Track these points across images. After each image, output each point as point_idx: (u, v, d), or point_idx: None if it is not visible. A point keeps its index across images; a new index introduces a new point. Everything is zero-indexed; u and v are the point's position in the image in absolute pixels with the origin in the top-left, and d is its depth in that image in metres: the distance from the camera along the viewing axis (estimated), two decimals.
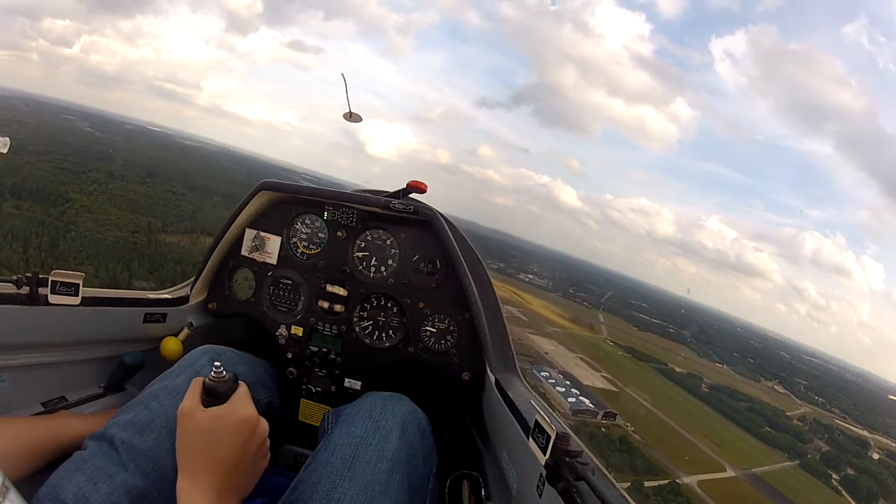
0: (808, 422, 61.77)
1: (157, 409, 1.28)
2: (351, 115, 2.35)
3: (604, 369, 59.28)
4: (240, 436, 1.08)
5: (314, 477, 1.21)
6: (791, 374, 79.09)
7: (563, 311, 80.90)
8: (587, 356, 62.47)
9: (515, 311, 71.18)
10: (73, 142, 70.91)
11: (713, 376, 69.36)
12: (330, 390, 2.02)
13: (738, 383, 69.55)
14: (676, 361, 71.78)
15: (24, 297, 1.45)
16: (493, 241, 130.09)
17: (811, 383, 76.58)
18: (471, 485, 1.66)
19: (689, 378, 66.48)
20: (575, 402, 44.72)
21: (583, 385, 50.87)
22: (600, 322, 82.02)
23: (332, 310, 2.01)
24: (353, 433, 1.33)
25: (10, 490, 0.58)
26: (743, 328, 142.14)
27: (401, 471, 1.28)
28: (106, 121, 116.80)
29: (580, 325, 77.71)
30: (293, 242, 2.08)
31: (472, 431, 2.09)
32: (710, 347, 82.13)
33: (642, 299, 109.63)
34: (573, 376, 52.79)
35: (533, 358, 56.36)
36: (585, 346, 66.67)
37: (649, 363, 69.48)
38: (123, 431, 1.21)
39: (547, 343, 62.45)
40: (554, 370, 52.63)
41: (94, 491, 1.09)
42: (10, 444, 1.21)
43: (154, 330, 1.91)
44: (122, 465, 1.16)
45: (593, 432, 42.65)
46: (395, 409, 1.45)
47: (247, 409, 1.10)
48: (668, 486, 40.38)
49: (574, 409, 44.13)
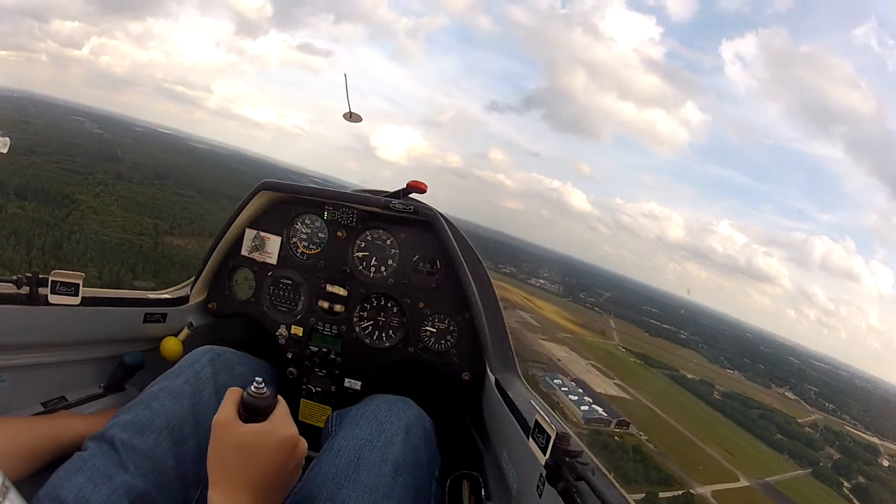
0: (819, 429, 61.23)
1: (158, 410, 1.28)
2: (351, 114, 2.36)
3: (616, 376, 58.65)
4: (279, 455, 1.07)
5: (318, 479, 1.22)
6: (801, 381, 78.43)
7: (574, 316, 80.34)
8: (599, 363, 61.72)
9: (527, 316, 71.02)
10: (81, 143, 70.85)
11: (725, 383, 68.68)
12: (330, 390, 2.01)
13: (749, 390, 68.83)
14: (688, 367, 71.05)
15: (24, 297, 1.44)
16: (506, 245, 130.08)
17: (821, 389, 76.00)
18: (471, 485, 1.65)
19: (701, 385, 65.75)
20: (588, 411, 43.93)
21: (595, 392, 50.06)
22: (611, 327, 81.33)
23: (332, 310, 2.00)
24: (358, 436, 1.33)
25: (10, 490, 0.58)
26: (753, 333, 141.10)
27: (405, 474, 1.28)
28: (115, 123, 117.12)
29: (591, 330, 77.09)
30: (293, 242, 2.07)
31: (473, 431, 2.08)
32: (722, 353, 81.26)
33: (653, 304, 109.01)
34: (586, 383, 51.99)
35: (545, 365, 55.74)
36: (597, 353, 66.01)
37: (661, 369, 68.61)
38: (123, 432, 1.21)
39: (559, 349, 61.85)
40: (566, 377, 51.79)
41: (94, 492, 1.10)
42: (10, 444, 1.21)
43: (154, 330, 1.90)
44: (122, 465, 1.16)
45: (607, 441, 41.92)
46: (400, 412, 1.44)
47: (288, 429, 1.09)
48: (682, 498, 39.76)
49: (587, 417, 43.32)
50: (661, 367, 68.81)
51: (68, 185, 53.37)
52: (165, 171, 66.57)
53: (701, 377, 68.27)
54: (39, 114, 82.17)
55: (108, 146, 75.63)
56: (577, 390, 47.34)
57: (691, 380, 66.96)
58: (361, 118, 2.38)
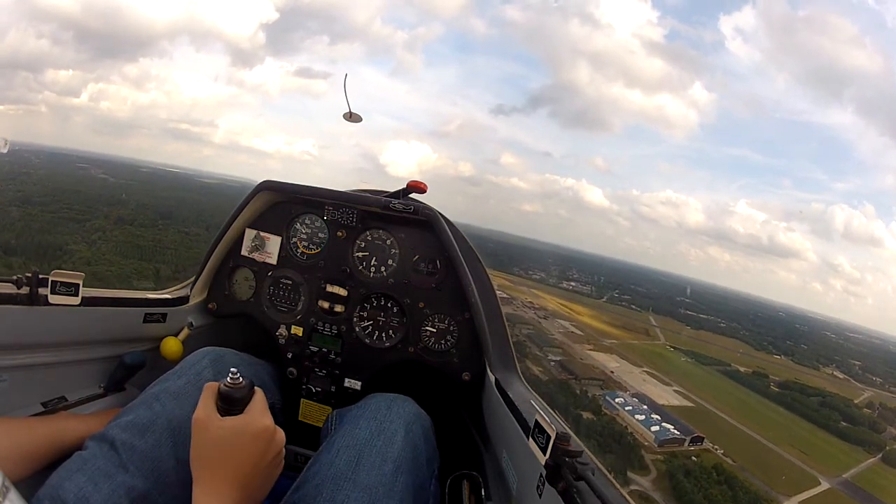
0: (875, 407, 58.83)
1: (159, 411, 1.28)
2: (351, 115, 2.35)
3: (673, 381, 55.87)
4: (257, 447, 1.08)
5: (318, 478, 1.21)
6: (844, 356, 75.89)
7: (613, 318, 77.21)
8: (653, 368, 59.02)
9: (569, 325, 69.08)
10: (83, 190, 68.97)
11: (776, 371, 66.25)
12: (330, 390, 2.01)
13: (800, 374, 66.63)
14: (738, 359, 68.34)
15: (24, 297, 1.45)
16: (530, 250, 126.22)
17: (864, 363, 73.28)
18: (471, 485, 1.64)
19: (755, 378, 63.02)
20: (659, 431, 41.12)
21: (658, 406, 47.43)
22: (653, 325, 78.27)
23: (332, 310, 2.00)
24: (358, 435, 1.33)
25: (10, 490, 0.58)
26: (785, 312, 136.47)
27: (405, 473, 1.27)
28: (123, 166, 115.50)
29: (634, 331, 74.10)
30: (293, 242, 2.07)
31: (472, 431, 2.09)
32: (763, 338, 78.88)
33: (684, 294, 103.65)
34: (646, 396, 49.31)
35: (602, 381, 53.02)
36: (648, 357, 63.39)
37: (713, 366, 65.71)
38: (124, 432, 1.22)
39: (609, 359, 59.10)
40: (626, 392, 49.29)
41: (94, 491, 1.09)
42: (10, 444, 1.22)
43: (154, 330, 1.91)
44: (123, 466, 1.16)
45: (685, 464, 39.04)
46: (399, 410, 1.44)
47: (264, 420, 1.11)
48: None
49: (660, 439, 40.38)
50: (712, 364, 66.03)
51: (62, 235, 51.01)
52: (170, 210, 63.76)
53: (753, 369, 65.81)
54: (42, 164, 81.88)
55: (111, 190, 73.79)
56: (641, 407, 44.83)
57: (745, 373, 64.25)
58: (361, 118, 2.35)
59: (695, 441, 41.69)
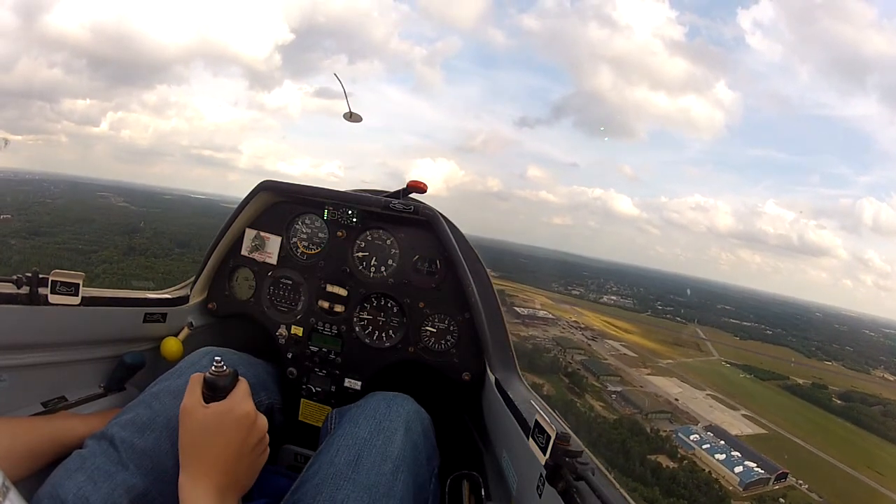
0: None
1: (159, 410, 1.28)
2: (351, 115, 2.36)
3: (739, 405, 52.01)
4: (238, 433, 1.10)
5: (317, 478, 1.20)
6: (889, 356, 71.59)
7: (661, 333, 73.25)
8: (715, 390, 55.04)
9: (619, 346, 65.19)
10: (98, 219, 67.05)
11: (831, 379, 62.29)
12: (330, 390, 2.00)
13: (855, 382, 62.76)
14: (793, 371, 64.64)
15: (24, 296, 1.45)
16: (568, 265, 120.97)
17: None
18: (471, 485, 1.62)
19: (815, 390, 59.25)
20: (743, 473, 36.95)
21: (734, 438, 43.22)
22: (703, 339, 73.95)
23: (332, 310, 2.00)
24: (357, 434, 1.32)
25: (10, 490, 0.58)
26: (821, 312, 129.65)
27: (405, 472, 1.27)
28: (144, 194, 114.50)
29: (686, 347, 70.35)
30: (293, 242, 2.07)
31: (472, 431, 2.08)
32: (811, 343, 74.49)
33: (725, 301, 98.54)
34: (719, 428, 45.04)
35: (670, 413, 48.04)
36: (706, 377, 59.79)
37: (772, 381, 61.72)
38: (124, 431, 1.22)
39: (670, 384, 55.08)
40: (698, 425, 44.94)
41: (94, 490, 1.09)
42: (10, 444, 1.21)
43: (154, 330, 1.91)
44: (122, 464, 1.16)
45: None
46: (398, 409, 1.44)
47: (245, 406, 1.13)
48: None
49: (745, 482, 36.00)
50: (770, 378, 62.27)
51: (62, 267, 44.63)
52: (188, 238, 59.84)
53: (811, 380, 62.12)
54: (61, 193, 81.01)
55: (130, 218, 72.18)
56: (718, 443, 41.00)
57: (804, 387, 60.48)
58: (361, 118, 2.37)
59: (780, 478, 38.25)
